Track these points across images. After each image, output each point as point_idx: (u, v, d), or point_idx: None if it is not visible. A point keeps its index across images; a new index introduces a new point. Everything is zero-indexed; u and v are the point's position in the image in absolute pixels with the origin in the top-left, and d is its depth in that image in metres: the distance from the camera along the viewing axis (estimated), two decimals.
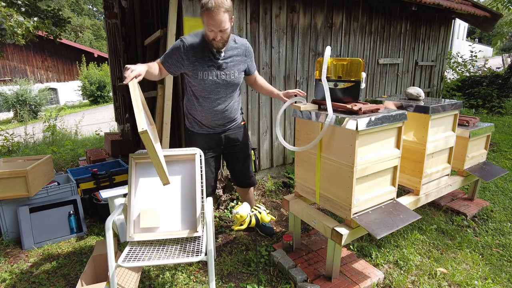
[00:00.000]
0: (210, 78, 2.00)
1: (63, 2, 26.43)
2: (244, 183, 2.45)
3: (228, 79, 2.04)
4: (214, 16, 1.77)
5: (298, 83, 3.66)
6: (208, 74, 1.99)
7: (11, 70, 14.87)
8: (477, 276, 2.12)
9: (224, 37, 1.88)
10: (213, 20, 1.78)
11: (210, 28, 1.82)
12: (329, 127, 1.89)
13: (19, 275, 2.21)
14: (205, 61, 1.97)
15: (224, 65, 2.01)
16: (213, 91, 2.05)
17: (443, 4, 4.57)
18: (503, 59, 14.23)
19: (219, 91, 2.05)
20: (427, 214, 2.89)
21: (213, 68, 1.99)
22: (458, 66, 8.73)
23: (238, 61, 2.06)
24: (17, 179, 2.52)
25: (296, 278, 2.01)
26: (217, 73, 2.00)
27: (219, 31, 1.83)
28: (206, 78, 2.00)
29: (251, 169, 2.40)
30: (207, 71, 1.98)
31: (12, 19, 4.39)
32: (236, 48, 2.05)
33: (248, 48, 2.11)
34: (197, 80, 2.01)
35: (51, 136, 6.72)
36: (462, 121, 2.76)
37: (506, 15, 12.55)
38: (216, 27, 1.81)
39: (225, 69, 2.01)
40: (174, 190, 1.92)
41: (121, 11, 4.18)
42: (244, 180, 2.43)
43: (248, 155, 2.36)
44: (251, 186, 2.47)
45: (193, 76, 2.01)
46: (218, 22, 1.79)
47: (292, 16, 3.45)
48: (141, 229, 1.82)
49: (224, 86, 2.05)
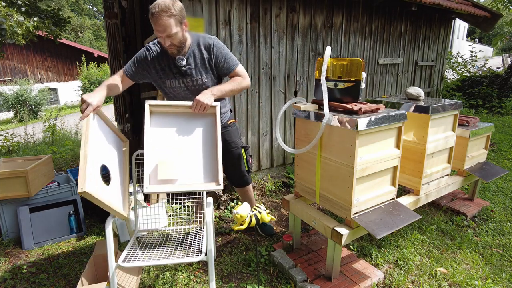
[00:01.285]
0: (177, 85, 1.98)
1: (63, 2, 26.44)
2: (238, 183, 2.43)
3: (196, 85, 1.99)
4: (157, 21, 1.73)
5: (298, 83, 3.67)
6: (175, 82, 1.97)
7: (11, 70, 14.88)
8: (477, 276, 2.12)
9: (174, 42, 1.82)
10: (157, 25, 1.75)
11: (157, 34, 1.79)
12: (329, 127, 1.89)
13: (19, 275, 2.21)
14: (170, 69, 1.95)
15: (188, 71, 1.95)
16: (185, 97, 2.02)
17: (443, 4, 4.57)
18: (503, 59, 14.23)
19: (191, 96, 1.95)
20: (427, 214, 2.89)
21: (178, 75, 1.96)
22: (458, 66, 8.73)
23: (203, 65, 1.97)
24: (17, 179, 2.52)
25: (296, 278, 2.01)
26: (183, 80, 1.97)
27: (166, 36, 1.78)
28: (174, 86, 1.98)
29: (243, 168, 2.34)
30: (173, 79, 1.97)
31: (12, 19, 4.39)
32: (200, 51, 1.96)
33: (213, 46, 1.96)
34: (167, 88, 1.99)
35: (51, 136, 6.72)
36: (462, 121, 2.76)
37: (506, 15, 12.56)
38: (161, 32, 1.76)
39: (190, 75, 1.96)
40: (195, 142, 1.84)
41: (121, 11, 4.18)
42: (237, 180, 2.41)
43: (239, 154, 2.30)
44: (245, 185, 2.44)
45: (162, 85, 2.00)
46: (162, 27, 1.74)
47: (292, 16, 3.45)
48: (158, 181, 1.73)
49: (195, 91, 1.96)
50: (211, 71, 2.01)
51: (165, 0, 1.75)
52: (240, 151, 2.30)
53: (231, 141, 2.26)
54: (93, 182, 1.52)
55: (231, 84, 1.99)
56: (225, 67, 2.01)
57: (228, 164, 2.30)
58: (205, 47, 1.96)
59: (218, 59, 1.98)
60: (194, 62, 1.95)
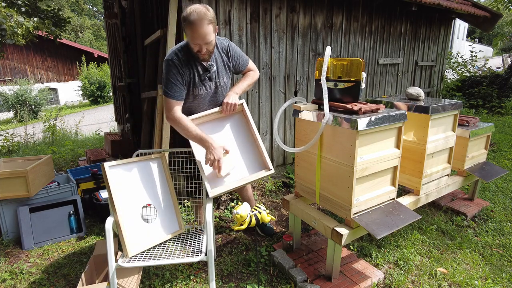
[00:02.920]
0: (204, 91, 2.00)
1: (63, 2, 26.42)
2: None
3: (219, 87, 2.06)
4: (198, 30, 1.71)
5: (298, 83, 3.66)
6: (202, 89, 1.99)
7: (11, 70, 14.87)
8: (477, 276, 2.12)
9: (210, 48, 1.84)
10: (197, 33, 1.73)
11: (195, 42, 1.77)
12: (329, 127, 1.89)
13: (19, 275, 2.21)
14: (199, 76, 1.95)
15: (214, 75, 2.00)
16: (209, 101, 2.08)
17: (443, 4, 4.57)
18: (503, 59, 14.23)
19: (212, 99, 2.08)
20: (427, 214, 2.89)
21: (206, 80, 1.99)
22: (458, 66, 8.72)
23: (223, 67, 2.05)
24: (17, 179, 2.52)
25: (296, 278, 2.01)
26: (209, 85, 2.01)
27: (204, 43, 1.78)
28: (201, 93, 2.00)
29: None
30: (201, 86, 1.98)
31: (12, 19, 4.39)
32: (220, 54, 2.02)
33: (229, 47, 2.04)
34: (193, 95, 1.99)
35: (51, 136, 6.72)
36: (462, 121, 2.75)
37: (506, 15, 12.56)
38: (201, 40, 1.75)
39: (214, 78, 2.01)
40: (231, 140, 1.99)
41: (121, 11, 4.18)
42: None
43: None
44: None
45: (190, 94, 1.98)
46: (202, 35, 1.73)
47: (292, 16, 3.45)
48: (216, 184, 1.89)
49: (217, 94, 2.08)
50: (229, 71, 2.10)
51: (199, 7, 1.74)
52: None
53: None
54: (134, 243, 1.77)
55: (247, 80, 2.14)
56: (241, 65, 2.14)
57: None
58: (223, 49, 2.02)
59: (235, 59, 2.08)
60: (216, 65, 2.01)
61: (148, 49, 3.60)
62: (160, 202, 1.96)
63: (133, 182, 1.88)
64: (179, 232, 2.00)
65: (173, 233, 1.97)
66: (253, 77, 2.18)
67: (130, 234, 1.77)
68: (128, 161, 1.89)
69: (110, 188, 1.74)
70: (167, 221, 1.97)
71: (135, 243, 1.78)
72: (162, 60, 3.00)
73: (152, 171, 1.98)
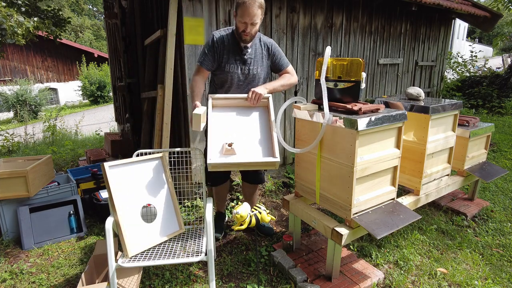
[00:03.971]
0: (235, 71, 2.16)
1: (63, 2, 26.40)
2: (253, 179, 2.48)
3: (251, 74, 2.19)
4: (248, 8, 1.92)
5: (298, 83, 3.66)
6: (234, 67, 2.15)
7: (11, 70, 14.87)
8: (477, 276, 2.12)
9: (253, 31, 2.03)
10: (247, 12, 1.93)
11: (243, 20, 1.97)
12: (329, 127, 1.89)
13: (19, 275, 2.21)
14: (233, 55, 2.14)
15: (249, 60, 2.16)
16: (237, 84, 2.18)
17: (443, 4, 4.57)
18: (503, 59, 14.23)
19: (241, 84, 2.20)
20: (427, 214, 2.89)
21: (240, 62, 2.15)
22: (458, 66, 8.72)
23: (261, 58, 2.20)
24: (17, 179, 2.52)
25: (296, 278, 2.01)
26: (242, 67, 2.17)
27: (250, 23, 1.97)
28: (232, 71, 2.16)
29: None
30: (233, 64, 2.15)
31: (12, 19, 4.39)
32: (261, 46, 2.20)
33: (272, 46, 2.22)
34: (224, 72, 2.14)
35: (51, 136, 6.72)
36: (462, 121, 2.75)
37: (506, 15, 12.56)
38: (249, 19, 1.95)
39: (249, 64, 2.17)
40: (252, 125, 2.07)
41: (121, 11, 4.18)
42: (254, 175, 2.46)
43: None
44: (260, 183, 2.51)
45: (220, 68, 2.15)
46: (251, 15, 1.94)
47: (292, 16, 3.45)
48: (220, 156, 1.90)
49: (246, 80, 2.20)
50: (266, 65, 2.25)
51: None
52: None
53: None
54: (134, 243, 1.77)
55: (281, 81, 2.23)
56: (279, 64, 2.27)
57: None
58: (265, 44, 2.21)
59: (275, 56, 2.24)
60: (255, 54, 2.18)
61: (148, 49, 3.60)
62: (160, 202, 1.96)
63: (133, 182, 1.88)
64: (179, 232, 2.00)
65: (173, 233, 1.97)
66: (289, 80, 2.26)
67: (130, 234, 1.77)
68: (128, 161, 1.89)
69: (110, 188, 1.74)
70: (167, 221, 1.97)
71: (135, 243, 1.78)
72: (162, 60, 3.02)
73: (152, 171, 1.98)
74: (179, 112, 3.15)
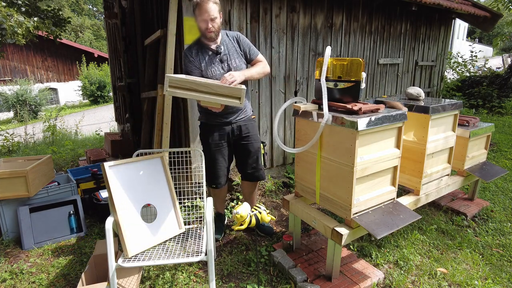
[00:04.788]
0: (218, 72, 2.20)
1: (63, 2, 26.40)
2: (252, 176, 2.47)
3: (232, 68, 2.22)
4: (204, 6, 2.01)
5: (298, 83, 3.66)
6: (215, 69, 2.21)
7: (11, 70, 14.87)
8: (477, 276, 2.12)
9: (215, 26, 2.09)
10: (204, 8, 2.01)
11: (203, 17, 2.04)
12: (329, 127, 1.89)
13: (19, 275, 2.21)
14: (209, 59, 2.21)
15: (225, 57, 2.22)
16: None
17: (443, 4, 4.57)
18: (503, 59, 14.23)
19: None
20: (427, 214, 2.89)
21: (218, 63, 2.21)
22: (458, 66, 8.72)
23: (234, 51, 2.26)
24: (17, 179, 2.52)
25: (296, 278, 2.01)
26: (222, 66, 2.22)
27: (210, 19, 2.04)
28: (215, 73, 2.20)
29: (260, 162, 2.45)
30: (214, 67, 2.21)
31: (12, 19, 4.39)
32: (230, 40, 2.26)
33: (239, 37, 2.29)
34: (208, 77, 2.19)
35: (51, 136, 6.72)
36: (462, 121, 2.75)
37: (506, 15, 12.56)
38: (207, 15, 2.02)
39: (226, 60, 2.22)
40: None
41: (121, 11, 4.17)
42: (253, 172, 2.45)
43: (258, 147, 2.43)
44: (259, 179, 2.51)
45: (205, 76, 2.20)
46: (208, 10, 2.02)
47: (292, 16, 3.45)
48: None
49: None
50: (243, 56, 2.29)
51: None
52: (260, 144, 2.44)
53: (254, 133, 2.40)
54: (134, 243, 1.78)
55: (256, 67, 2.27)
56: (250, 53, 2.31)
57: (248, 155, 2.40)
58: (233, 37, 2.28)
59: (245, 46, 2.29)
60: (227, 49, 2.23)
61: (148, 49, 3.60)
62: (160, 202, 1.96)
63: (133, 182, 1.88)
64: (179, 232, 2.00)
65: (173, 233, 1.96)
66: (263, 68, 2.29)
67: (130, 234, 1.77)
68: (128, 161, 1.89)
69: (110, 188, 1.74)
70: (167, 221, 1.97)
71: (135, 243, 1.78)
72: (162, 60, 3.02)
73: (152, 171, 1.98)
74: (179, 112, 3.15)
